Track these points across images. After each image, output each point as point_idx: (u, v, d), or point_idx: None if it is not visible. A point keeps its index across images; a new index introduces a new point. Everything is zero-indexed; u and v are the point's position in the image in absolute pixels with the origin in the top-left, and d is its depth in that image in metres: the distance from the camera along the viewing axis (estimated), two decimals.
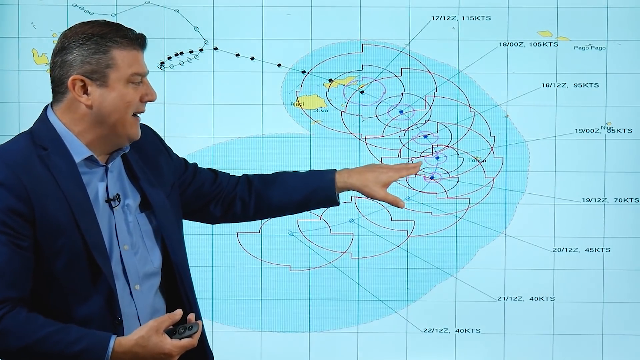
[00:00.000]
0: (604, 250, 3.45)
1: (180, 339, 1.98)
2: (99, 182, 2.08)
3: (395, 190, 3.39)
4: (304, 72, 3.44)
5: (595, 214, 3.44)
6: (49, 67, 2.11)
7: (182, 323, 2.04)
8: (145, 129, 2.25)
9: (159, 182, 2.18)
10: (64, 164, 2.03)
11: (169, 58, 3.42)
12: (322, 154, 3.45)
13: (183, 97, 3.41)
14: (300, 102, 3.45)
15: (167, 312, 2.15)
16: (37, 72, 3.42)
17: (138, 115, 2.11)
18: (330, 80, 3.45)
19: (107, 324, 2.04)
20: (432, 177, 3.45)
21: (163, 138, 2.36)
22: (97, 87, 2.04)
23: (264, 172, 3.35)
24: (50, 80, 2.11)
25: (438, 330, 3.48)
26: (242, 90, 3.44)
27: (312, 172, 2.42)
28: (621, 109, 3.43)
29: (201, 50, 3.42)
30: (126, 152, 2.14)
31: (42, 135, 2.07)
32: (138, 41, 2.08)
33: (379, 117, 3.45)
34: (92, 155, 2.07)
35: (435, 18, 3.43)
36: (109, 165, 2.11)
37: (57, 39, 2.12)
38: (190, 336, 1.99)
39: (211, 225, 2.50)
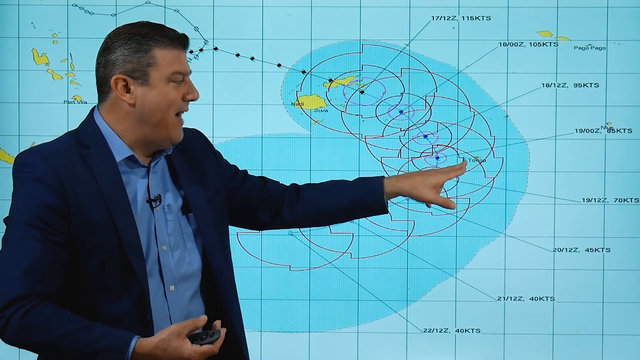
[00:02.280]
0: (604, 250, 3.45)
1: (201, 344, 1.97)
2: (140, 181, 2.09)
3: None
4: (304, 72, 3.45)
5: (595, 214, 3.44)
6: (94, 68, 2.11)
7: (208, 329, 2.03)
8: (194, 132, 2.28)
9: (201, 186, 2.19)
10: (104, 163, 2.05)
11: None
12: (322, 154, 3.45)
13: None
14: (300, 102, 3.45)
15: (205, 316, 2.16)
16: (37, 72, 3.42)
17: (181, 116, 2.12)
18: (330, 80, 3.45)
19: (137, 323, 2.04)
20: None
21: None
22: (138, 86, 2.05)
23: (264, 172, 3.38)
24: (95, 81, 2.11)
25: (438, 330, 3.48)
26: (242, 90, 3.44)
27: (360, 179, 2.40)
28: (621, 109, 3.43)
29: (201, 50, 3.43)
30: (169, 153, 2.15)
31: (86, 134, 2.08)
32: (179, 40, 2.09)
33: (379, 117, 3.45)
34: (133, 155, 2.08)
35: (435, 18, 3.43)
36: (151, 166, 2.11)
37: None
38: (211, 343, 1.98)
39: None
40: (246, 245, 3.44)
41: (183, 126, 2.24)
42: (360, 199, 2.35)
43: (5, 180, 3.43)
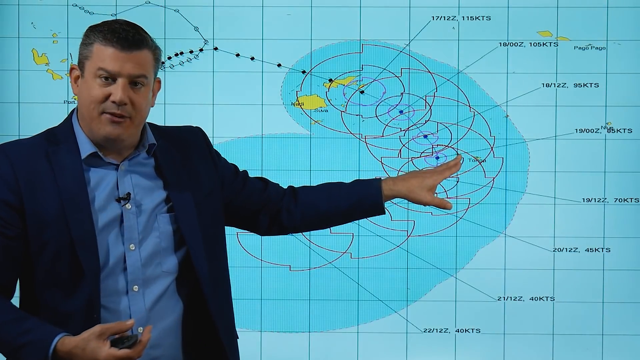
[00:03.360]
0: (604, 250, 3.45)
1: (119, 348, 1.91)
2: (107, 179, 2.09)
3: None
4: (304, 72, 3.45)
5: (595, 214, 3.44)
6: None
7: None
8: (195, 131, 2.28)
9: (191, 187, 2.17)
10: (68, 160, 2.07)
11: (169, 58, 3.42)
12: (322, 154, 3.45)
13: (183, 97, 3.42)
14: (300, 102, 3.45)
15: (185, 321, 2.14)
16: (37, 72, 3.42)
17: (109, 114, 2.07)
18: (330, 80, 3.45)
19: (86, 321, 2.02)
20: None
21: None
22: (80, 77, 2.11)
23: (264, 172, 3.38)
24: None
25: (438, 330, 3.48)
26: (242, 90, 3.44)
27: (357, 181, 2.39)
28: (621, 109, 3.43)
29: (201, 50, 3.42)
30: (141, 152, 2.13)
31: (59, 132, 2.12)
32: (116, 39, 2.06)
33: (379, 117, 3.45)
34: (96, 152, 2.08)
35: (435, 18, 3.43)
36: (121, 164, 2.11)
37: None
38: (129, 347, 1.92)
39: None
40: (246, 245, 3.44)
41: (186, 124, 2.24)
42: (358, 202, 2.35)
43: None
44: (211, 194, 2.22)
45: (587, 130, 3.44)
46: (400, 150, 3.45)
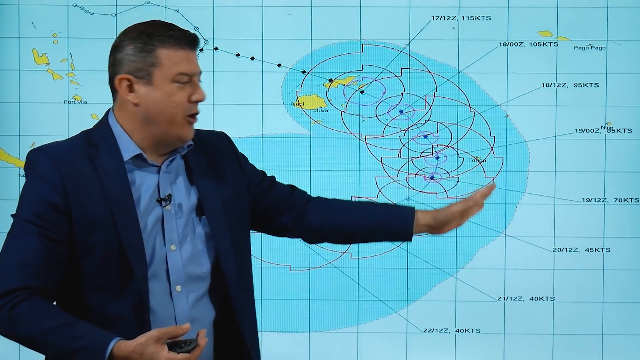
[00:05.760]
0: (604, 250, 3.45)
1: (178, 352, 1.92)
2: (149, 181, 2.09)
3: (396, 190, 3.39)
4: (304, 72, 3.45)
5: (595, 214, 3.44)
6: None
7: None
8: (220, 135, 2.28)
9: (219, 189, 2.17)
10: (110, 162, 2.06)
11: None
12: (322, 154, 3.45)
13: None
14: (300, 102, 3.45)
15: (215, 322, 2.15)
16: (37, 72, 3.42)
17: (193, 117, 2.10)
18: (330, 80, 3.45)
19: (134, 323, 2.03)
20: (432, 177, 3.45)
21: None
22: (142, 85, 2.05)
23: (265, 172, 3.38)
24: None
25: (438, 330, 3.48)
26: (242, 90, 3.44)
27: (390, 204, 2.41)
28: (621, 109, 3.43)
29: (201, 50, 3.42)
30: (183, 153, 2.13)
31: (97, 134, 2.10)
32: (186, 40, 2.07)
33: (379, 117, 3.45)
34: (141, 154, 2.08)
35: (435, 18, 3.43)
36: (162, 166, 2.10)
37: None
38: (188, 351, 1.93)
39: None
40: None
41: (211, 129, 2.25)
42: (389, 220, 2.33)
43: (6, 180, 3.43)
44: (238, 195, 2.22)
45: (587, 130, 3.44)
46: (400, 150, 3.45)
